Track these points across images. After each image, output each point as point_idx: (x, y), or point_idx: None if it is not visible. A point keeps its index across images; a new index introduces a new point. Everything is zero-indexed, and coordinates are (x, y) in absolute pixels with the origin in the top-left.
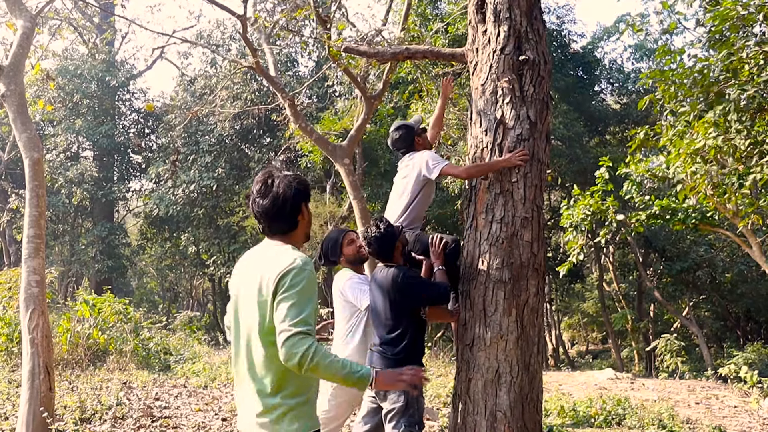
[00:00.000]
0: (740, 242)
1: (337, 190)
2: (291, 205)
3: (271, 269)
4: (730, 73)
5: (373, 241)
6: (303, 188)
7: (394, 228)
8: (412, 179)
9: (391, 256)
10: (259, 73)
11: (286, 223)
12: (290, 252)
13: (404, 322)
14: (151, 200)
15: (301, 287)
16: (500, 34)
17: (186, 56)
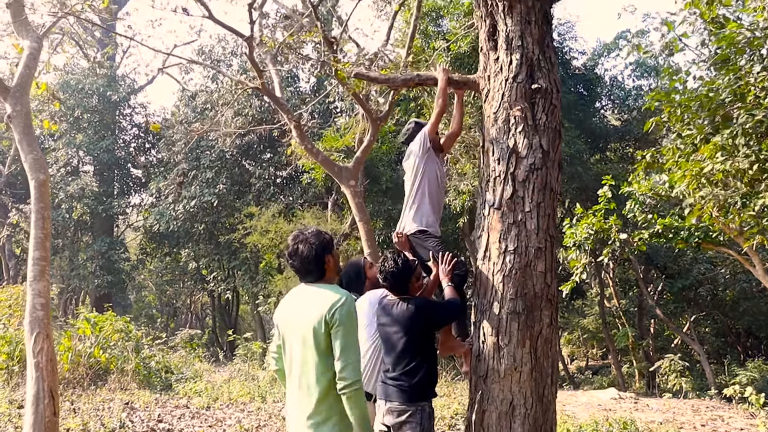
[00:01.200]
0: (743, 261)
1: (339, 207)
2: (315, 263)
3: (323, 303)
4: (738, 96)
5: (390, 276)
6: (325, 244)
7: (410, 262)
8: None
9: (407, 290)
10: (264, 93)
11: (316, 274)
12: (336, 290)
13: (422, 352)
14: (152, 215)
15: (352, 320)
16: (512, 62)
17: (187, 71)
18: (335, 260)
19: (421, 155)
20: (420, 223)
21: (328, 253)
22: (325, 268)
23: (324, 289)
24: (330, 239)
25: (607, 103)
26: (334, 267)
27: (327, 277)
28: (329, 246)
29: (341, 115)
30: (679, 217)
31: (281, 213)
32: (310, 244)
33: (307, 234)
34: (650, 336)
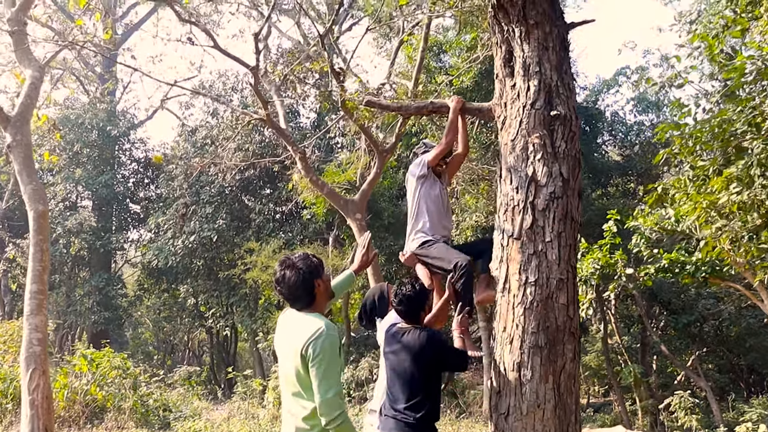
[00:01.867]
0: (751, 296)
1: (339, 243)
2: (304, 288)
3: (301, 336)
4: (753, 127)
5: (405, 299)
6: (313, 269)
7: (426, 290)
8: (411, 184)
9: (418, 318)
10: (269, 125)
11: (305, 300)
12: (314, 321)
13: (428, 385)
14: (150, 251)
15: (325, 353)
16: (530, 88)
17: (187, 107)
18: (326, 285)
19: (417, 179)
20: (419, 237)
21: (317, 278)
22: (314, 293)
23: (308, 317)
24: (319, 263)
25: (609, 138)
26: (324, 292)
27: (317, 303)
28: (318, 270)
29: (342, 150)
30: (686, 251)
31: (281, 249)
32: (297, 269)
33: (295, 259)
34: (653, 373)
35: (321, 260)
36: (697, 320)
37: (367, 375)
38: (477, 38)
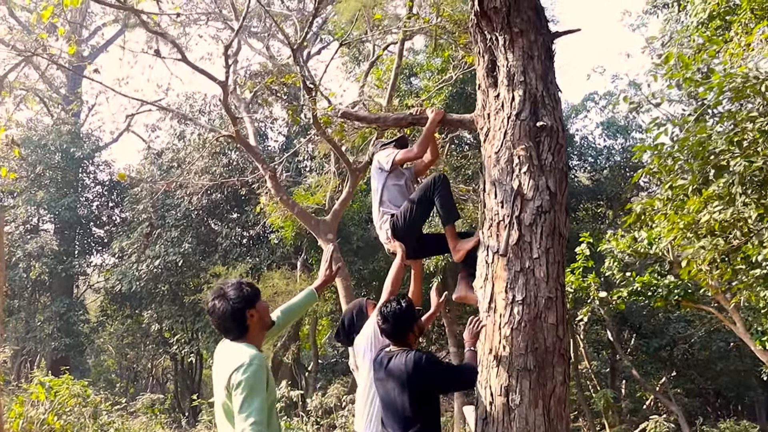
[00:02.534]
0: (723, 319)
1: (308, 267)
2: (233, 319)
3: (228, 367)
4: (734, 145)
5: (391, 317)
6: (245, 298)
7: (414, 309)
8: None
9: (406, 338)
10: (239, 142)
11: (236, 331)
12: (242, 352)
13: (423, 412)
14: (114, 275)
15: (247, 382)
16: (515, 98)
17: (153, 129)
18: (260, 314)
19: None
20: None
21: (249, 308)
22: (247, 324)
23: (237, 347)
24: (252, 293)
25: (578, 163)
26: (258, 322)
27: (250, 333)
28: (251, 300)
29: (311, 173)
30: (659, 274)
31: (249, 273)
32: (227, 299)
33: (227, 288)
34: (622, 397)
35: (256, 289)
36: (667, 344)
37: (336, 402)
38: (449, 60)
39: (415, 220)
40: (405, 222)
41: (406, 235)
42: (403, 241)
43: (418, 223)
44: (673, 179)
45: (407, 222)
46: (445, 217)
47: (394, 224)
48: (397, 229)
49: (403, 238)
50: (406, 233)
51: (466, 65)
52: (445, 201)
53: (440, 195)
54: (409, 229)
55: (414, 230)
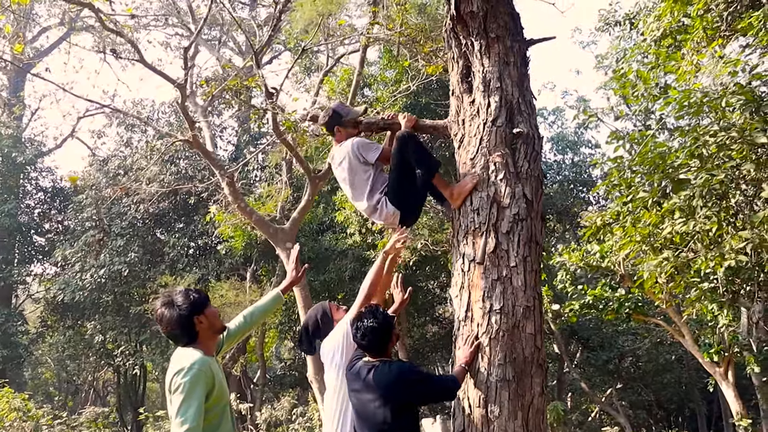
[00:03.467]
0: (672, 332)
1: (257, 279)
2: (181, 326)
3: (171, 371)
4: (696, 158)
5: (369, 332)
6: (192, 305)
7: (390, 319)
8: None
9: (385, 350)
10: (196, 147)
11: (185, 338)
12: (187, 356)
13: (404, 422)
14: (56, 285)
15: (184, 386)
16: (491, 104)
17: (99, 135)
18: (210, 320)
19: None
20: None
21: (197, 314)
22: (196, 331)
23: (184, 352)
24: (200, 299)
25: None
26: (208, 327)
27: (200, 340)
28: (199, 306)
29: (261, 182)
30: (610, 287)
31: (197, 284)
32: (175, 306)
33: (174, 296)
34: (570, 410)
35: (204, 295)
36: (615, 357)
37: (287, 415)
38: (403, 71)
39: (405, 187)
40: (400, 195)
41: (410, 205)
42: (409, 211)
43: (411, 187)
44: (633, 192)
45: (402, 194)
46: (426, 171)
47: (392, 201)
48: (398, 204)
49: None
50: (408, 204)
51: (423, 75)
52: (419, 155)
53: (413, 151)
54: (409, 199)
55: (412, 196)
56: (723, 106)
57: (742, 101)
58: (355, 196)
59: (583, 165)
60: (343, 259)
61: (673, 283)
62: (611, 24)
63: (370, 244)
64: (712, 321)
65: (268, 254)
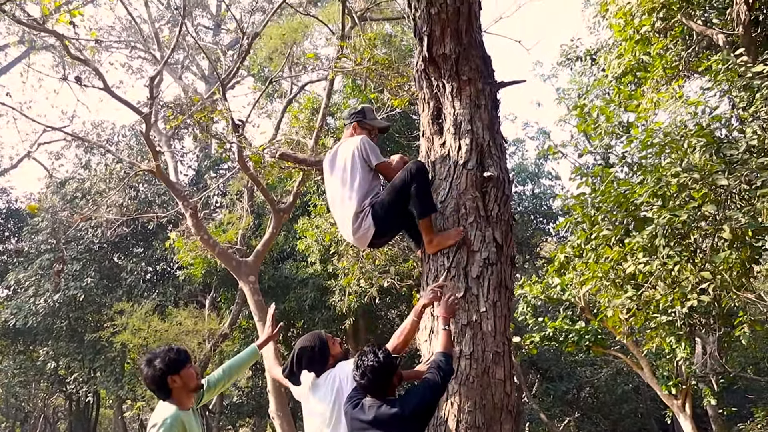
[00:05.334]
0: (631, 364)
1: (216, 307)
2: (156, 385)
3: (149, 424)
4: (658, 198)
5: (369, 371)
6: (168, 365)
7: (392, 358)
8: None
9: (386, 390)
10: (159, 177)
11: (161, 394)
12: (160, 411)
13: None
14: (8, 309)
15: None
16: (461, 147)
17: (57, 157)
18: (184, 380)
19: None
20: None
21: (172, 374)
22: (169, 389)
23: (161, 406)
24: (177, 359)
25: None
26: (182, 386)
27: (174, 396)
28: (174, 366)
29: (222, 209)
30: (570, 320)
31: (155, 311)
32: (152, 366)
33: (156, 354)
34: None
35: (183, 356)
36: (574, 387)
37: None
38: (365, 101)
39: (395, 210)
40: (385, 213)
41: (388, 227)
42: (384, 231)
43: (399, 213)
44: (597, 230)
45: (387, 213)
46: (421, 210)
47: (375, 215)
48: (378, 220)
49: (384, 230)
50: (387, 225)
51: (388, 108)
52: (421, 192)
53: (417, 186)
54: (390, 221)
55: (395, 222)
56: (685, 147)
57: (703, 142)
58: (343, 196)
59: (543, 196)
60: (303, 288)
61: (635, 318)
62: (572, 59)
63: (330, 274)
64: (670, 353)
65: (228, 282)
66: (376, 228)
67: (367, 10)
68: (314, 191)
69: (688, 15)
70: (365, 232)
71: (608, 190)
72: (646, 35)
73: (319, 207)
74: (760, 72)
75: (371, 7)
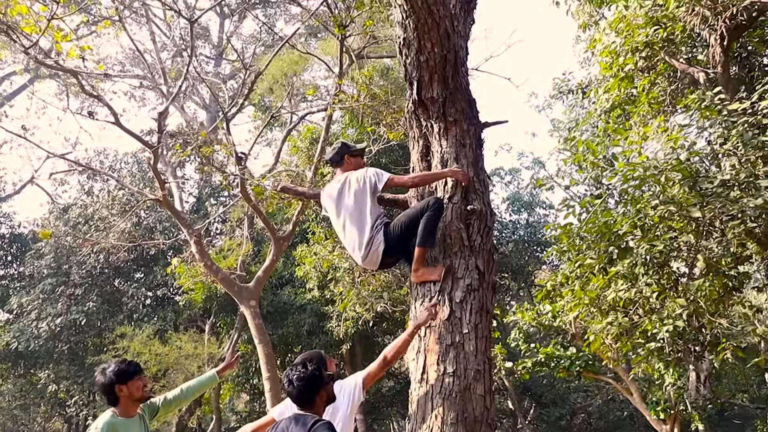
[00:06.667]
0: (621, 389)
1: (216, 332)
2: (104, 391)
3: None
4: (638, 228)
5: (296, 380)
6: (114, 375)
7: (323, 374)
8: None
9: (312, 403)
10: (165, 207)
11: (109, 401)
12: (101, 416)
13: None
14: (9, 333)
15: None
16: (447, 182)
17: (61, 183)
18: (130, 389)
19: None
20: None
21: (119, 383)
22: (117, 396)
23: (103, 413)
24: (126, 371)
25: None
26: (128, 395)
27: (120, 405)
28: (123, 376)
29: (222, 236)
30: (561, 346)
31: (155, 335)
32: (104, 374)
33: (108, 365)
34: None
35: (131, 366)
36: (567, 413)
37: None
38: (363, 132)
39: (407, 234)
40: (399, 234)
41: (397, 247)
42: (392, 252)
43: (409, 238)
44: (581, 258)
45: (400, 234)
46: (422, 239)
47: (386, 233)
48: (389, 240)
49: (393, 250)
50: (397, 245)
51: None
52: (429, 224)
53: (428, 217)
54: (400, 244)
55: (404, 244)
56: (662, 181)
57: (680, 177)
58: (354, 226)
59: (538, 225)
60: (302, 314)
61: (620, 343)
62: (564, 92)
63: (328, 300)
64: (659, 379)
65: (228, 307)
66: (385, 245)
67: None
68: (312, 219)
69: (671, 53)
70: (375, 255)
71: (593, 221)
72: (630, 73)
73: (317, 235)
74: (735, 110)
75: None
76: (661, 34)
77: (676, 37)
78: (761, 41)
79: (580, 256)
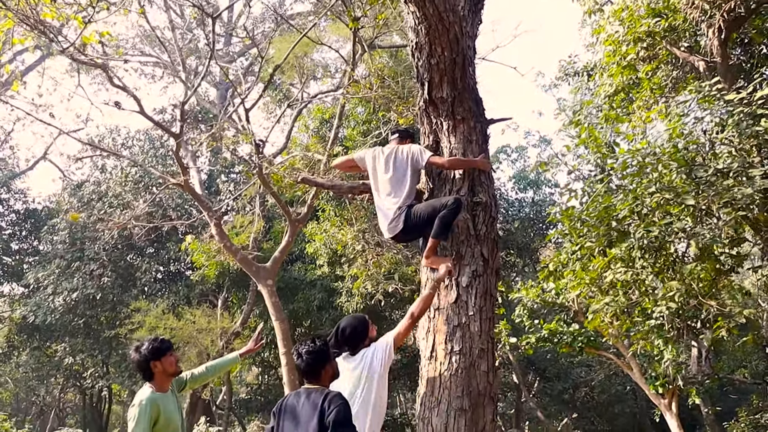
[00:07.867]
0: (622, 364)
1: (228, 307)
2: (140, 368)
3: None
4: (635, 214)
5: (305, 353)
6: (151, 352)
7: (329, 349)
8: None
9: (320, 377)
10: (186, 191)
11: (145, 376)
12: (141, 392)
13: None
14: (28, 306)
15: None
16: (455, 176)
17: (75, 160)
18: (164, 366)
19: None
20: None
21: (154, 360)
22: (152, 372)
23: (144, 387)
24: (159, 348)
25: None
26: (162, 372)
27: (155, 380)
28: (156, 353)
29: (233, 213)
30: (564, 322)
31: (169, 310)
32: (138, 352)
33: (143, 342)
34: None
35: (164, 344)
36: (570, 387)
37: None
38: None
39: (427, 217)
40: (417, 221)
41: (413, 230)
42: (407, 234)
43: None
44: (582, 241)
45: (418, 221)
46: (437, 232)
47: (407, 217)
48: (409, 222)
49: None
50: (414, 228)
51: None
52: (445, 220)
53: (445, 214)
54: (418, 227)
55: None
56: (660, 169)
57: (676, 165)
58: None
59: (543, 204)
60: (312, 290)
61: (619, 321)
62: (570, 74)
63: (338, 276)
64: (658, 355)
65: (240, 283)
66: (403, 226)
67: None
68: (323, 197)
69: (673, 41)
70: (395, 225)
71: (593, 205)
72: (633, 62)
73: (327, 212)
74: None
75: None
76: (662, 24)
77: (678, 26)
78: (759, 32)
79: (581, 239)
